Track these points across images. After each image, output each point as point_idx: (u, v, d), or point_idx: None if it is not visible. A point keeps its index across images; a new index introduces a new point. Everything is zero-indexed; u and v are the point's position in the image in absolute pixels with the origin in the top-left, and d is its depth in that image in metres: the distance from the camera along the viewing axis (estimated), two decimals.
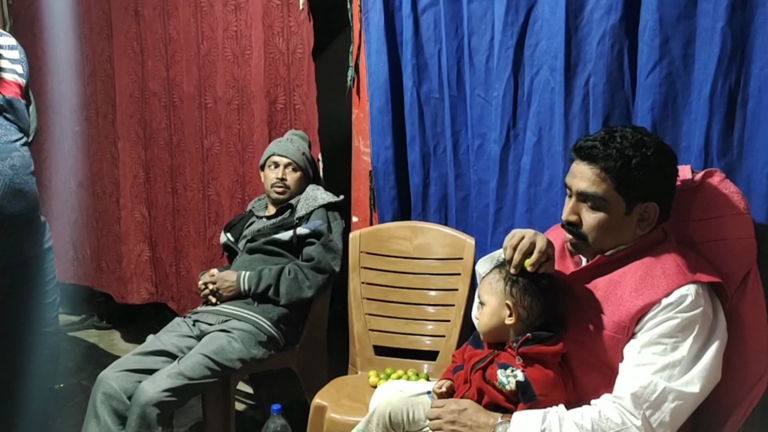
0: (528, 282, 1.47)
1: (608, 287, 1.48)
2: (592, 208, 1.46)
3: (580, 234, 1.48)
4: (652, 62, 1.75)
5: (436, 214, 2.32)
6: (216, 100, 2.86)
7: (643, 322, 1.41)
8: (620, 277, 1.47)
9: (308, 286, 2.34)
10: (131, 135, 3.19)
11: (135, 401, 2.04)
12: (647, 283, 1.42)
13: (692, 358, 1.37)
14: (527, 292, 1.47)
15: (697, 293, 1.39)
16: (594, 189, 1.44)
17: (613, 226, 1.45)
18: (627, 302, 1.43)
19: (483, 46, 2.08)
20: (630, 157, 1.41)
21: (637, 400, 1.35)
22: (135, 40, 3.09)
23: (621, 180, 1.42)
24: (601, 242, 1.48)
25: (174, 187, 3.10)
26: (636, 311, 1.41)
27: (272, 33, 2.63)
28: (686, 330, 1.37)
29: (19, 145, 1.90)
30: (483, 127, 2.13)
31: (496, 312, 1.49)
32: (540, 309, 1.48)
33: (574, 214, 1.48)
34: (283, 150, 2.52)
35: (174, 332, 2.31)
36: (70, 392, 3.00)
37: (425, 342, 2.26)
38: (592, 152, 1.44)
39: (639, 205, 1.44)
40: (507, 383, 1.43)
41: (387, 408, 1.60)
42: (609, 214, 1.44)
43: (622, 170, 1.41)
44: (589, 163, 1.44)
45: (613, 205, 1.44)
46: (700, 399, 1.39)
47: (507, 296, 1.48)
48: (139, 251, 3.27)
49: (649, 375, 1.36)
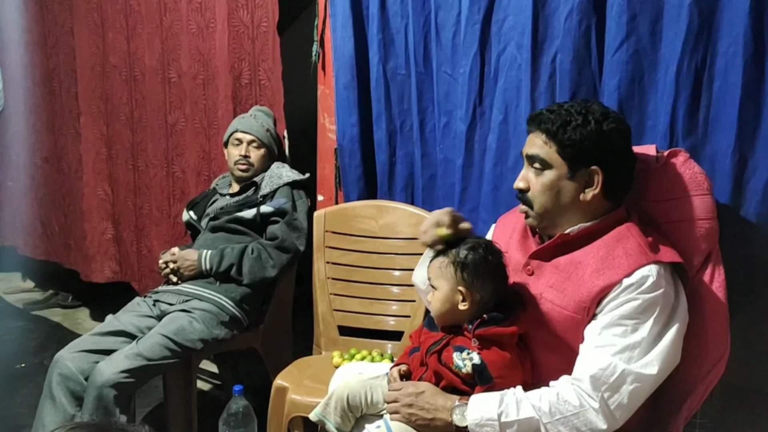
0: (477, 262, 1.45)
1: (569, 267, 1.46)
2: (537, 172, 1.48)
3: (526, 200, 1.50)
4: (620, 39, 1.71)
5: (402, 193, 2.28)
6: (180, 75, 2.78)
7: (604, 303, 1.39)
8: (582, 257, 1.45)
9: (272, 266, 2.30)
10: (93, 110, 3.10)
11: (92, 382, 1.99)
12: (609, 263, 1.40)
13: (652, 339, 1.36)
14: (478, 274, 1.45)
15: (658, 274, 1.37)
16: (537, 151, 1.46)
17: (555, 191, 1.46)
18: (588, 282, 1.41)
19: (450, 21, 2.03)
20: (569, 121, 1.43)
21: (595, 382, 1.34)
22: (95, 11, 2.99)
23: (561, 142, 1.43)
24: (545, 207, 1.48)
25: (135, 164, 3.03)
26: (597, 291, 1.39)
27: (237, 5, 2.55)
28: (647, 311, 1.36)
29: None
30: (449, 104, 2.09)
31: (449, 297, 1.46)
32: (492, 288, 1.46)
33: (522, 181, 1.51)
34: (247, 126, 2.46)
35: (133, 312, 2.25)
36: (32, 372, 2.95)
37: (390, 322, 2.24)
38: (537, 118, 1.48)
39: (583, 170, 1.44)
40: (463, 366, 1.41)
41: (345, 391, 1.57)
42: (552, 178, 1.46)
43: (560, 131, 1.43)
44: (535, 129, 1.48)
45: (556, 167, 1.45)
46: (659, 381, 1.38)
47: (459, 281, 1.46)
48: (102, 229, 3.19)
49: (609, 357, 1.34)
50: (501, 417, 1.35)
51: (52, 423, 2.01)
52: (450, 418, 1.40)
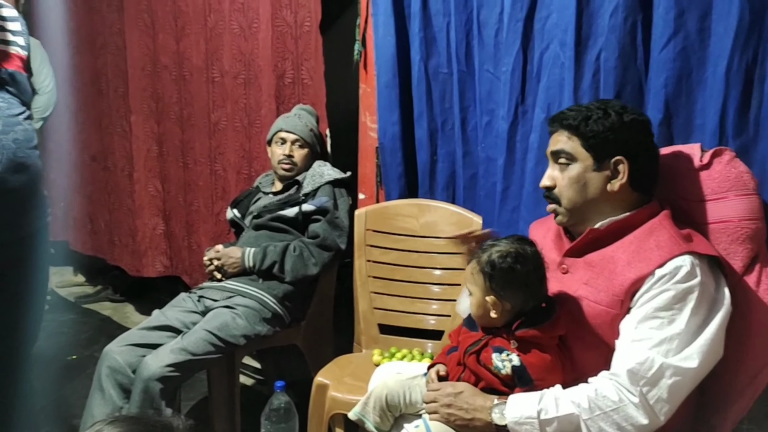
0: (505, 272, 1.42)
1: (602, 263, 1.45)
2: (562, 167, 1.49)
3: (554, 197, 1.51)
4: (667, 36, 1.68)
5: (443, 191, 2.28)
6: (223, 74, 2.83)
7: (638, 296, 1.38)
8: (613, 252, 1.44)
9: (313, 264, 2.32)
10: (144, 109, 3.18)
11: (139, 376, 2.05)
12: (640, 256, 1.40)
13: (691, 331, 1.33)
14: (507, 284, 1.42)
15: (692, 264, 1.35)
16: (561, 146, 1.49)
17: (582, 183, 1.47)
18: (620, 276, 1.40)
19: (492, 19, 2.02)
20: (590, 115, 1.46)
21: (633, 376, 1.32)
22: (146, 12, 3.05)
23: (584, 134, 1.46)
24: (573, 201, 1.48)
25: (185, 162, 3.09)
26: (629, 284, 1.38)
27: (280, 5, 2.58)
28: (683, 302, 1.34)
29: (22, 118, 1.88)
30: (491, 103, 2.07)
31: (482, 304, 1.45)
32: (523, 297, 1.43)
33: (548, 179, 1.52)
34: (291, 126, 2.49)
35: (179, 307, 2.31)
36: (83, 364, 3.04)
37: (430, 321, 2.24)
38: (558, 117, 1.52)
39: (607, 161, 1.45)
40: (502, 368, 1.40)
41: (384, 390, 1.58)
42: (578, 171, 1.47)
43: (582, 124, 1.46)
44: (558, 128, 1.51)
45: (581, 160, 1.47)
46: (700, 375, 1.35)
47: (487, 291, 1.44)
48: (153, 225, 3.27)
49: (646, 350, 1.33)
50: (540, 414, 1.34)
51: (100, 414, 2.07)
52: (489, 417, 1.39)
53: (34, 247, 1.95)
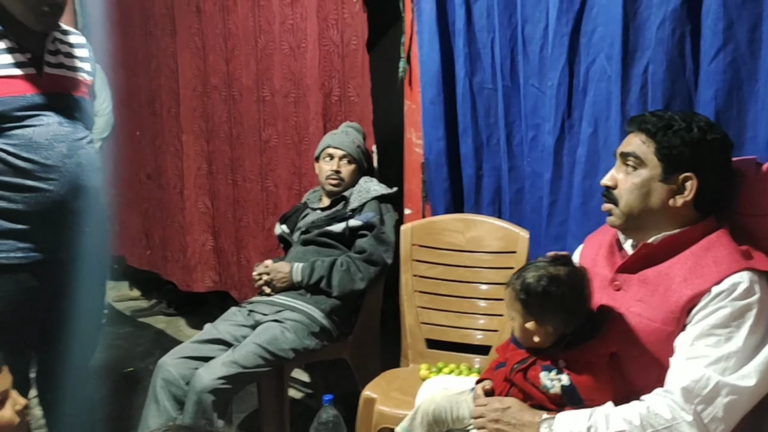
0: (540, 297, 1.39)
1: (657, 279, 1.43)
2: (629, 170, 1.46)
3: (611, 196, 1.48)
4: (716, 48, 1.66)
5: (489, 206, 2.28)
6: (273, 93, 2.90)
7: (694, 313, 1.36)
8: (669, 269, 1.42)
9: (360, 279, 2.35)
10: (194, 128, 3.28)
11: (192, 388, 2.10)
12: (697, 272, 1.37)
13: (749, 349, 1.30)
14: (544, 309, 1.40)
15: (751, 281, 1.32)
16: (633, 148, 1.46)
17: (645, 191, 1.44)
18: (676, 292, 1.38)
19: (537, 35, 2.03)
20: (672, 124, 1.42)
21: (688, 394, 1.30)
22: (197, 36, 3.16)
23: (660, 142, 1.42)
24: (631, 206, 1.45)
25: (234, 179, 3.17)
26: (685, 301, 1.36)
27: (327, 25, 2.63)
28: (740, 319, 1.31)
29: (85, 142, 1.97)
30: (537, 117, 2.07)
31: (524, 330, 1.44)
32: (563, 318, 1.41)
33: (610, 179, 1.50)
34: (338, 142, 2.53)
35: (230, 321, 2.36)
36: (139, 376, 3.13)
37: (477, 336, 2.24)
38: (639, 119, 1.48)
39: (677, 175, 1.42)
40: (551, 387, 1.39)
41: (431, 406, 1.59)
42: (644, 177, 1.44)
43: (660, 132, 1.42)
44: (635, 129, 1.48)
45: (650, 167, 1.44)
46: (758, 394, 1.32)
47: (526, 317, 1.42)
48: (203, 241, 3.37)
49: (702, 368, 1.30)
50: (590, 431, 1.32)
51: (155, 425, 2.13)
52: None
53: (92, 264, 2.04)
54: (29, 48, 1.87)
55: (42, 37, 1.90)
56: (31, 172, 1.84)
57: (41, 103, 1.87)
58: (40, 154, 1.84)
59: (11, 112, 1.81)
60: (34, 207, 1.85)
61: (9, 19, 1.83)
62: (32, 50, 1.88)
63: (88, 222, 1.99)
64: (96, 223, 2.05)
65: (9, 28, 1.84)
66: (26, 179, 1.84)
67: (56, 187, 1.87)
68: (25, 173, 1.83)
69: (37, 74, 1.87)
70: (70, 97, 1.95)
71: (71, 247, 1.96)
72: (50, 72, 1.91)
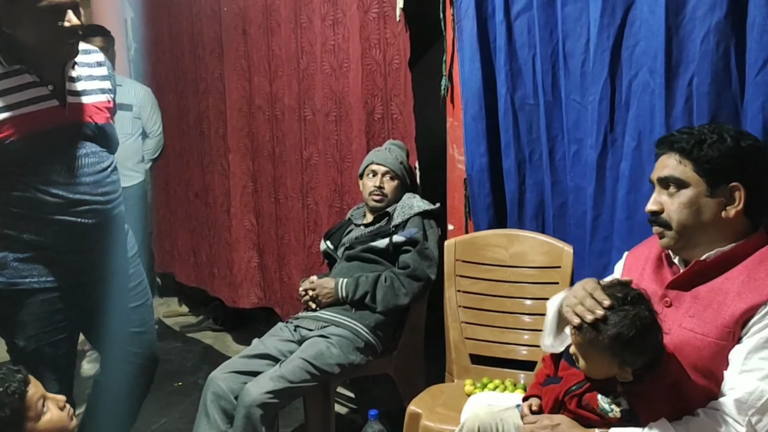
0: (633, 345, 1.33)
1: (710, 294, 1.42)
2: (673, 192, 1.45)
3: (662, 221, 1.46)
4: (762, 59, 1.64)
5: (532, 221, 2.28)
6: (314, 112, 2.95)
7: (749, 326, 1.35)
8: (722, 284, 1.41)
9: (404, 294, 2.37)
10: (240, 147, 3.37)
11: (241, 402, 2.15)
12: (751, 286, 1.36)
13: None
14: (633, 355, 1.35)
15: None
16: (671, 172, 1.45)
17: (695, 208, 1.43)
18: (730, 307, 1.37)
19: (578, 50, 2.03)
20: (704, 139, 1.42)
21: (741, 405, 1.30)
22: (243, 58, 3.25)
23: (697, 159, 1.42)
24: (684, 224, 1.44)
25: (276, 197, 3.24)
26: (740, 314, 1.35)
27: (369, 45, 2.68)
28: None
29: (110, 171, 2.00)
30: (579, 132, 2.07)
31: (601, 371, 1.40)
32: (645, 358, 1.36)
33: (655, 204, 1.48)
34: (381, 159, 2.57)
35: (277, 337, 2.41)
36: (188, 390, 3.20)
37: (522, 352, 2.23)
38: (668, 139, 1.48)
39: (723, 187, 1.41)
40: (610, 411, 1.39)
41: (475, 422, 1.60)
42: (690, 196, 1.43)
43: (696, 149, 1.42)
44: (667, 151, 1.47)
45: (694, 185, 1.43)
46: None
47: (612, 365, 1.37)
48: (248, 258, 3.44)
49: (756, 381, 1.30)
50: None
51: None
52: None
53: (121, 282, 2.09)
54: (51, 80, 1.87)
55: (62, 65, 1.90)
56: (60, 206, 1.89)
57: (66, 135, 1.90)
58: (68, 189, 1.89)
59: (37, 149, 1.84)
60: (62, 238, 1.91)
61: (28, 51, 1.82)
62: (54, 81, 1.88)
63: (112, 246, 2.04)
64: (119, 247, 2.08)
65: (28, 61, 1.83)
66: (54, 214, 1.88)
67: (84, 219, 1.92)
68: (53, 208, 1.88)
69: (60, 106, 1.88)
70: (94, 126, 1.96)
71: (96, 270, 2.02)
72: (73, 101, 1.92)
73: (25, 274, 1.90)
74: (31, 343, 1.94)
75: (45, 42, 1.81)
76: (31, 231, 1.89)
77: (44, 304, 1.94)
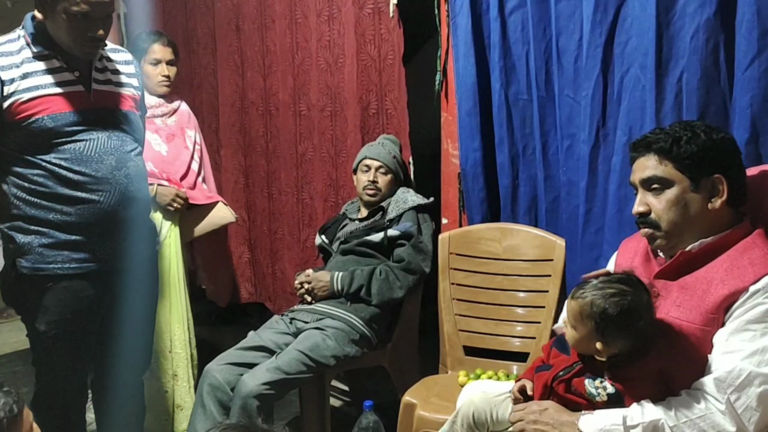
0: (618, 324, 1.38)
1: (695, 284, 1.46)
2: (657, 192, 1.48)
3: (651, 222, 1.49)
4: (750, 56, 1.68)
5: (525, 215, 2.32)
6: (309, 108, 2.97)
7: (732, 311, 1.39)
8: (706, 273, 1.45)
9: (399, 287, 2.40)
10: (232, 143, 3.38)
11: (237, 393, 2.17)
12: (734, 274, 1.41)
13: None
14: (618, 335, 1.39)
15: None
16: (653, 172, 1.48)
17: (682, 205, 1.46)
18: (714, 294, 1.41)
19: (571, 46, 2.06)
20: (680, 136, 1.45)
21: (720, 384, 1.35)
22: (236, 53, 3.26)
23: (677, 157, 1.45)
24: (674, 223, 1.47)
25: (270, 192, 3.25)
26: (723, 299, 1.40)
27: (364, 41, 2.70)
28: None
29: (134, 155, 2.06)
30: (572, 127, 2.11)
31: (585, 342, 1.44)
32: (633, 343, 1.41)
33: (642, 205, 1.51)
34: (375, 153, 2.60)
35: (272, 329, 2.43)
36: None
37: (515, 343, 2.27)
38: (643, 142, 1.51)
39: (705, 180, 1.45)
40: (597, 395, 1.43)
41: (470, 408, 1.63)
42: (676, 194, 1.46)
43: (674, 147, 1.45)
44: (645, 153, 1.50)
45: (678, 183, 1.46)
46: None
47: (597, 338, 1.41)
48: (239, 253, 3.45)
49: (736, 361, 1.35)
50: (626, 420, 1.37)
51: (202, 429, 2.20)
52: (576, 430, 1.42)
53: (144, 274, 2.12)
54: (77, 67, 1.96)
55: None
56: (83, 184, 1.93)
57: (91, 118, 1.95)
58: (91, 167, 1.93)
59: (63, 127, 1.91)
60: (86, 218, 1.95)
61: (56, 43, 1.92)
62: (80, 69, 1.97)
63: (139, 232, 2.08)
64: (145, 233, 2.13)
65: (57, 50, 1.93)
66: (78, 191, 1.93)
67: (106, 198, 1.96)
68: (76, 185, 1.92)
69: (85, 91, 1.96)
70: (118, 112, 2.03)
71: (124, 257, 2.05)
72: (98, 88, 1.99)
73: (50, 259, 1.93)
74: (51, 328, 1.97)
75: (69, 42, 1.89)
76: (56, 210, 1.92)
77: (68, 290, 1.96)
